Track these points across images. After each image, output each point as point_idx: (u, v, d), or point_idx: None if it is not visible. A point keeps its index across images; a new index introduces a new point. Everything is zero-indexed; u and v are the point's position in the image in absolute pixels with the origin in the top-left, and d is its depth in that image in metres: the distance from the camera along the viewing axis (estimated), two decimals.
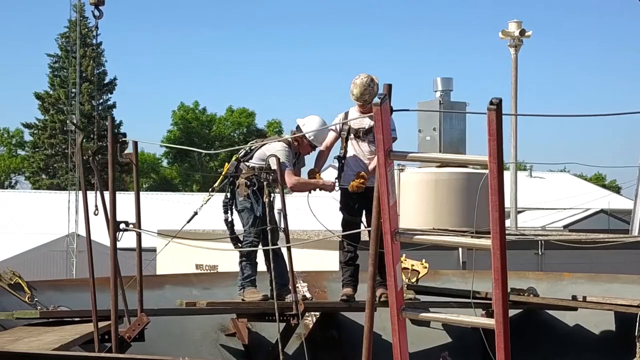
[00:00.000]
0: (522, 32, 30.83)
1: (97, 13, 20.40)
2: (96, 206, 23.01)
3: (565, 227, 45.07)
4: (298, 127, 10.16)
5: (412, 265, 11.12)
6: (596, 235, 20.79)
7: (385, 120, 4.71)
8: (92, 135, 62.56)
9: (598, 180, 75.39)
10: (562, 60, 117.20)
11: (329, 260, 15.46)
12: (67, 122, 42.57)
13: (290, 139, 10.12)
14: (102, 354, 6.03)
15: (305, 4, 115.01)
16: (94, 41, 19.26)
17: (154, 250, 24.89)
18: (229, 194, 10.15)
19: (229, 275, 11.06)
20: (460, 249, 16.98)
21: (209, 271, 19.17)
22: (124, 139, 7.06)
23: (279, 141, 10.15)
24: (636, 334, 9.91)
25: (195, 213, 9.88)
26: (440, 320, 5.26)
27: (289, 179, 9.77)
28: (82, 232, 35.18)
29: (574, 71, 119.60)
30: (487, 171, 4.60)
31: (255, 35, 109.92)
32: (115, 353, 6.75)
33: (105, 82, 61.60)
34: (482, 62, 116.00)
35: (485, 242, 4.70)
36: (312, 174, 10.04)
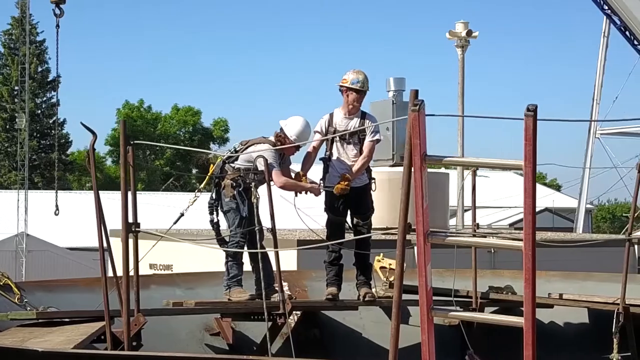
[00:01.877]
0: (469, 33, 31.24)
1: (58, 11, 20.23)
2: (57, 206, 22.70)
3: (511, 225, 45.80)
4: (281, 129, 10.27)
5: (390, 264, 11.29)
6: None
7: (421, 125, 4.87)
8: (35, 134, 61.57)
9: (539, 179, 76.52)
10: (508, 59, 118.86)
11: (287, 260, 15.46)
12: (17, 120, 41.99)
13: (274, 141, 10.22)
14: (134, 353, 6.09)
15: (249, 3, 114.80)
16: (55, 39, 18.97)
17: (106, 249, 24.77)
18: (214, 195, 10.23)
19: (212, 275, 11.15)
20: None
21: (163, 271, 19.18)
22: (135, 142, 7.06)
23: (264, 142, 10.24)
24: (613, 330, 10.22)
25: (182, 214, 9.91)
26: (468, 319, 5.42)
27: (278, 178, 9.88)
28: (32, 232, 34.95)
29: (519, 70, 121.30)
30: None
31: (201, 33, 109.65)
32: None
33: (49, 79, 60.97)
34: (432, 61, 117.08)
35: (517, 243, 4.89)
36: (299, 177, 10.16)
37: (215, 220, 10.16)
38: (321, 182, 10.23)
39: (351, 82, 10.10)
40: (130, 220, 7.55)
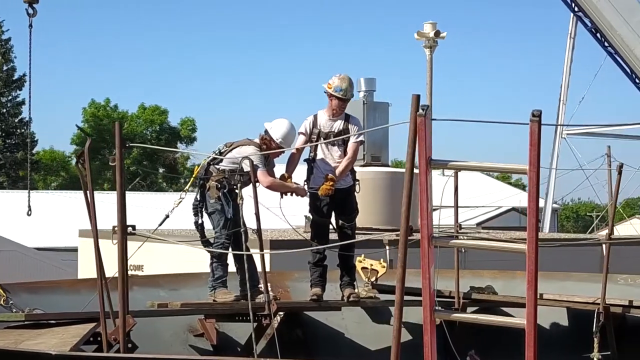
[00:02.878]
0: (437, 34, 31.40)
1: (31, 11, 20.16)
2: (29, 206, 22.63)
3: (478, 224, 45.99)
4: (266, 131, 10.30)
5: (371, 265, 11.36)
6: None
7: (428, 130, 4.94)
8: (0, 133, 60.86)
9: (504, 179, 76.97)
10: (476, 60, 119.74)
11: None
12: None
13: (259, 143, 10.25)
14: (146, 355, 6.10)
15: (217, 2, 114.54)
16: (28, 39, 18.82)
17: (75, 250, 24.67)
18: (198, 197, 10.24)
19: (195, 277, 11.17)
20: None
21: (133, 271, 19.13)
22: (130, 144, 7.06)
23: (249, 145, 10.25)
24: (594, 329, 10.36)
25: (167, 216, 9.90)
26: (471, 320, 5.48)
27: (265, 178, 9.90)
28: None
29: (488, 70, 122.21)
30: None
31: (168, 32, 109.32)
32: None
33: (14, 78, 60.47)
34: (402, 62, 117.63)
35: (520, 246, 4.97)
36: (284, 178, 10.20)
37: (200, 221, 10.18)
38: (305, 183, 10.29)
39: (334, 89, 10.17)
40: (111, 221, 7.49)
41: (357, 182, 10.36)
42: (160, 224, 9.98)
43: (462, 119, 4.61)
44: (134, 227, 7.45)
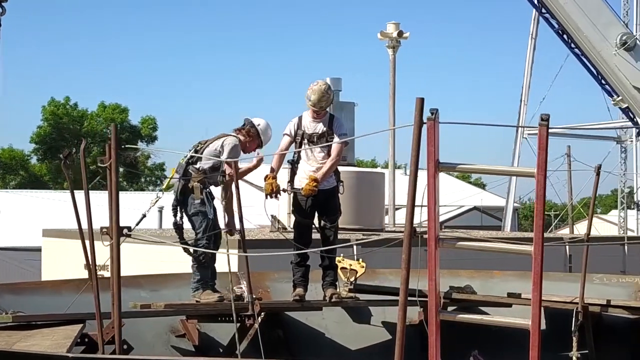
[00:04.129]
0: (400, 34, 31.53)
1: (0, 10, 20.06)
2: None
3: (441, 223, 46.27)
4: (252, 125, 10.31)
5: (350, 265, 11.42)
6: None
7: (436, 133, 5.00)
8: None
9: (464, 178, 77.47)
10: (438, 60, 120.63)
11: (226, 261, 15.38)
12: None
13: (239, 136, 10.25)
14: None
15: (176, 2, 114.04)
16: None
17: (39, 249, 24.48)
18: (178, 197, 10.17)
19: (176, 277, 11.17)
20: None
21: (99, 271, 19.02)
22: (126, 146, 7.04)
23: (227, 137, 10.23)
24: (573, 328, 10.49)
25: (144, 215, 9.85)
26: (476, 321, 5.56)
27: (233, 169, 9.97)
28: None
29: (450, 70, 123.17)
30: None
31: (127, 28, 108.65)
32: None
33: None
34: (366, 62, 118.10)
35: (527, 248, 5.05)
36: (267, 178, 10.22)
37: (179, 222, 10.14)
38: (289, 184, 10.34)
39: (306, 97, 10.23)
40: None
41: (341, 183, 10.41)
42: (137, 224, 9.95)
43: (469, 122, 4.65)
44: (129, 228, 7.41)
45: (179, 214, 10.13)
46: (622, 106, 20.18)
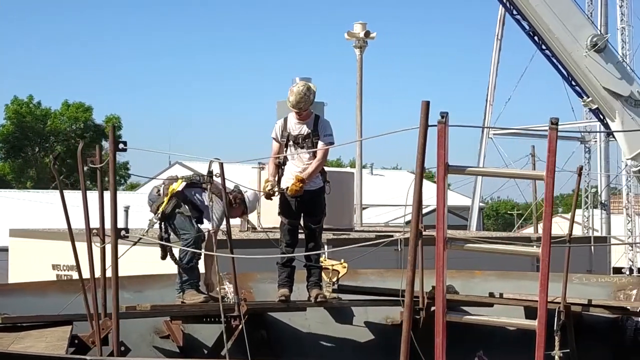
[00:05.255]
0: (367, 34, 31.62)
1: None
2: None
3: (407, 223, 46.45)
4: (240, 192, 10.50)
5: (332, 266, 11.44)
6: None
7: (446, 136, 5.04)
8: None
9: (428, 177, 77.83)
10: (406, 59, 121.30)
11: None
12: None
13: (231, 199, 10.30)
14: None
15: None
16: None
17: (5, 250, 24.23)
18: (169, 210, 10.08)
19: (159, 278, 11.15)
20: None
21: (67, 272, 18.92)
22: (124, 147, 7.01)
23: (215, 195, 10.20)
24: (555, 327, 10.59)
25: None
26: (483, 322, 5.61)
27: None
28: None
29: (417, 70, 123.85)
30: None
31: (91, 28, 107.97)
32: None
33: None
34: (334, 61, 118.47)
35: (534, 250, 5.11)
36: (266, 182, 10.29)
37: (165, 236, 10.10)
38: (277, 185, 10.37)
39: (287, 98, 10.30)
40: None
41: (327, 183, 10.44)
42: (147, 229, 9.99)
43: (478, 125, 4.69)
44: (127, 229, 7.39)
45: (163, 229, 10.09)
46: (592, 107, 20.35)
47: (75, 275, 18.45)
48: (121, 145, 7.01)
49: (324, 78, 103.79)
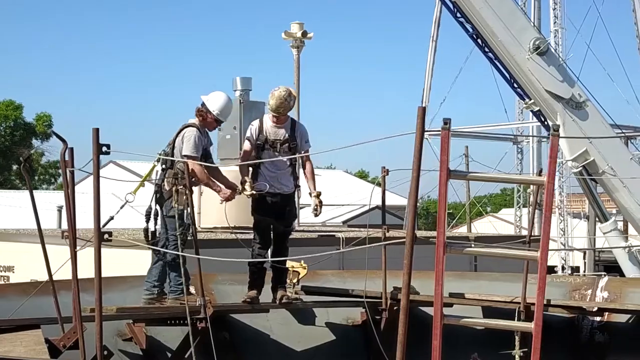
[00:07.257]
0: (304, 34, 31.69)
1: None
2: None
3: (344, 222, 46.72)
4: (203, 104, 10.25)
5: (292, 267, 11.49)
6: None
7: (449, 142, 5.11)
8: None
9: (363, 177, 78.32)
10: (343, 59, 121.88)
11: (140, 260, 14.84)
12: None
13: (194, 121, 10.18)
14: None
15: None
16: None
17: None
18: (153, 202, 10.00)
19: (120, 280, 11.06)
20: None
21: (4, 272, 18.67)
22: (107, 150, 6.93)
23: (186, 127, 10.11)
24: None
25: (112, 217, 9.70)
26: (481, 324, 5.70)
27: (198, 168, 9.93)
28: None
29: (354, 70, 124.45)
30: None
31: (23, 23, 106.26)
32: None
33: None
34: (272, 61, 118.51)
35: (532, 253, 5.21)
36: (244, 183, 10.21)
37: (153, 229, 10.01)
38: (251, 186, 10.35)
39: (267, 101, 10.33)
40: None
41: (298, 188, 10.56)
42: (104, 224, 9.81)
43: (477, 132, 4.76)
44: (110, 233, 7.31)
45: (152, 220, 9.98)
46: (534, 109, 20.64)
47: (12, 278, 18.17)
48: (104, 149, 6.88)
49: (263, 77, 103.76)
